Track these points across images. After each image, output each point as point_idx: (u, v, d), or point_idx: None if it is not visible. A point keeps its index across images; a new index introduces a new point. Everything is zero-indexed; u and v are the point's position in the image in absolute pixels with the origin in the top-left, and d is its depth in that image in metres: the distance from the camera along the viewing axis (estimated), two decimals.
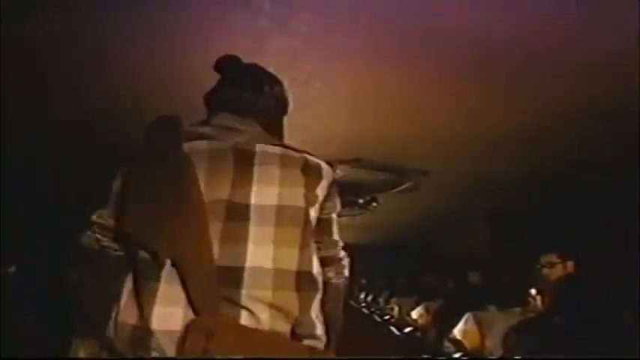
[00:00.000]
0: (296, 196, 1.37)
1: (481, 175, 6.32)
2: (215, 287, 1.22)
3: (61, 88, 3.83)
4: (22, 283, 4.58)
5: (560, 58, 3.45)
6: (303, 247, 1.36)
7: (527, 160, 5.67)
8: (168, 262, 1.25)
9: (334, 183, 1.51)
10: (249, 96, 1.53)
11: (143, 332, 1.21)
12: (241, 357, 1.21)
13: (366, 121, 4.54)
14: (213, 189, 1.31)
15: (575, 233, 6.32)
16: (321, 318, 1.41)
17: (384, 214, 8.49)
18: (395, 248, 15.12)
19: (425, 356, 6.55)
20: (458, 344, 5.96)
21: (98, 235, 1.39)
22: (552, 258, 4.33)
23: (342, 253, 1.62)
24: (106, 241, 1.39)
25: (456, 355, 5.97)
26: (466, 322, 5.68)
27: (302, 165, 1.43)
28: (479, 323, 5.43)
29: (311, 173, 1.43)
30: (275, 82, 1.66)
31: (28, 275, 4.77)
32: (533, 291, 5.11)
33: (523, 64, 3.53)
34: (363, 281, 17.49)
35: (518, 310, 5.19)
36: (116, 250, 1.39)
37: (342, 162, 5.70)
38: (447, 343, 6.21)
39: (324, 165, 1.50)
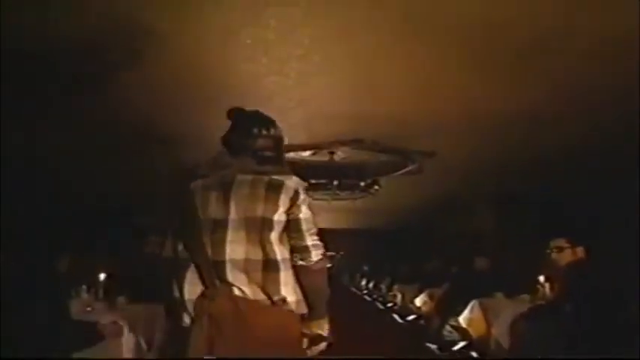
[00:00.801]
0: (256, 209, 2.10)
1: (489, 157, 6.26)
2: (212, 272, 2.04)
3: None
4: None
5: (569, 39, 3.41)
6: (264, 243, 2.09)
7: (536, 142, 5.61)
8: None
9: (297, 193, 2.17)
10: (243, 139, 2.26)
11: (182, 301, 2.06)
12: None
13: (367, 99, 4.47)
14: (205, 212, 2.11)
15: (586, 218, 6.28)
16: (296, 289, 2.13)
17: (387, 198, 8.43)
18: (398, 233, 15.13)
19: (429, 345, 6.53)
20: (463, 332, 5.95)
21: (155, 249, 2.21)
22: (561, 242, 4.30)
23: (311, 243, 2.19)
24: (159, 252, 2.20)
25: (461, 344, 5.97)
26: (472, 310, 5.67)
27: (266, 186, 2.13)
28: (485, 311, 5.42)
29: (272, 191, 2.13)
30: (270, 124, 2.32)
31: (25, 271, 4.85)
32: (542, 277, 5.09)
33: (533, 43, 3.47)
34: (365, 267, 17.53)
35: (526, 297, 5.16)
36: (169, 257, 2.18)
37: (342, 143, 5.65)
38: (451, 331, 6.21)
39: (287, 182, 2.17)
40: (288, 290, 2.10)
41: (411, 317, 9.03)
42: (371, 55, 3.66)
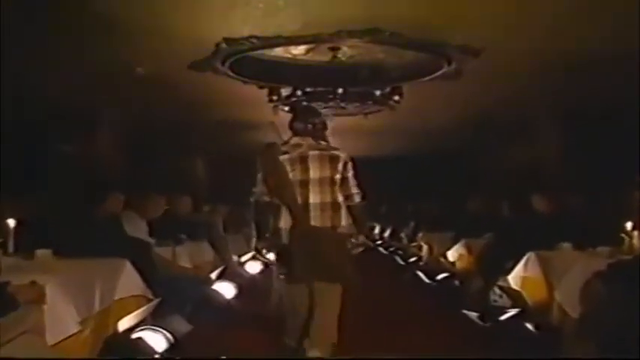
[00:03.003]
0: (326, 172, 4.68)
1: (554, 57, 6.17)
2: (299, 211, 4.60)
3: None
4: None
5: None
6: (333, 192, 4.69)
7: (620, 35, 5.44)
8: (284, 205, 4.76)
9: (347, 162, 4.76)
10: (305, 126, 4.76)
11: (279, 230, 4.72)
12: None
13: None
14: (294, 175, 4.63)
15: None
16: (347, 218, 4.73)
17: (411, 113, 8.46)
18: (425, 162, 15.12)
19: (466, 313, 6.57)
20: (514, 296, 5.95)
21: (257, 197, 4.87)
22: None
23: (355, 191, 4.80)
24: (262, 199, 4.84)
25: (511, 312, 5.98)
26: (527, 266, 5.66)
27: (329, 158, 4.70)
28: (545, 267, 5.41)
29: (333, 161, 4.70)
30: (319, 115, 5.06)
31: None
32: (628, 224, 5.04)
33: None
34: (381, 209, 17.51)
35: (605, 250, 5.11)
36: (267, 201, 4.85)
37: (350, 34, 5.51)
38: (500, 295, 6.20)
39: (341, 155, 4.73)
40: (345, 219, 4.66)
41: (441, 276, 9.13)
42: None
